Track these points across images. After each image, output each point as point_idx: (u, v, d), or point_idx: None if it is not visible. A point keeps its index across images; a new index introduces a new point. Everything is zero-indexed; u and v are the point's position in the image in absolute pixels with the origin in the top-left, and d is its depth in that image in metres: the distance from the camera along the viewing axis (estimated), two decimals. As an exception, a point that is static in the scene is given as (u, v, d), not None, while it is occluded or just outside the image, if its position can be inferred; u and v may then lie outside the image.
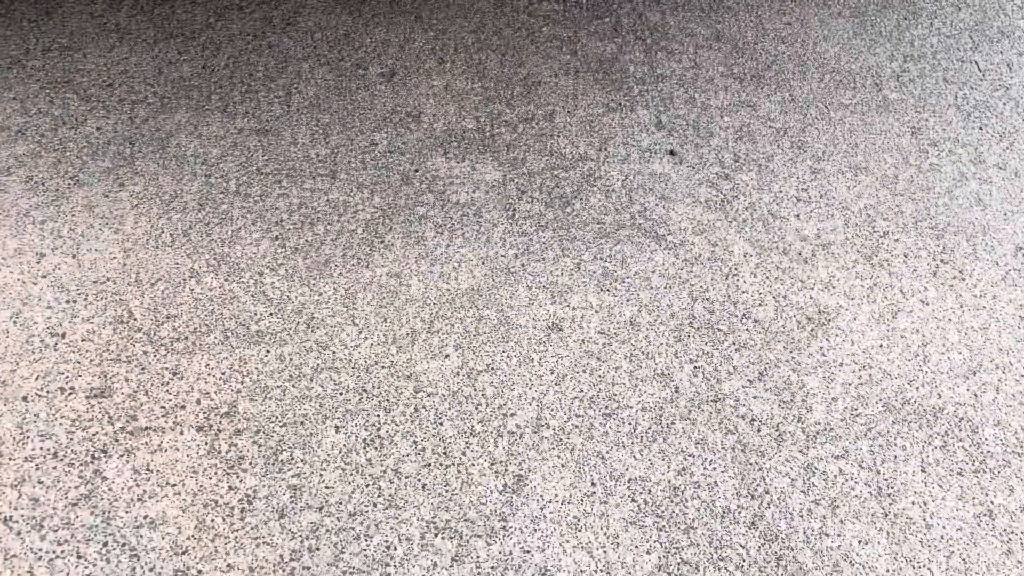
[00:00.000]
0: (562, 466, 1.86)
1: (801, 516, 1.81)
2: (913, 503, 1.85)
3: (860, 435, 1.98)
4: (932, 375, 2.12)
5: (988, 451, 1.97)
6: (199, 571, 1.63)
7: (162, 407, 1.89)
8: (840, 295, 2.30)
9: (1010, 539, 1.81)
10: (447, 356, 2.06)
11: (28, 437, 1.81)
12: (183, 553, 1.65)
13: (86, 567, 1.61)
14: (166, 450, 1.81)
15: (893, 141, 2.85)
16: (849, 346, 2.17)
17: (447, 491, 1.80)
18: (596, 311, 2.20)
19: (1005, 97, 3.10)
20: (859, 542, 1.77)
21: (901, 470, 1.91)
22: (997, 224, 2.57)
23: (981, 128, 2.95)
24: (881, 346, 2.18)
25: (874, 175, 2.70)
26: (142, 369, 1.96)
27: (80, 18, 2.98)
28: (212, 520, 1.71)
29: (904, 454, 1.95)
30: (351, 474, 1.81)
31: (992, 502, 1.87)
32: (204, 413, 1.89)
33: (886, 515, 1.83)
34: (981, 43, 3.40)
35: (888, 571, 1.73)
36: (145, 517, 1.70)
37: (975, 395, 2.09)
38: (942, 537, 1.80)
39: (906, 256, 2.43)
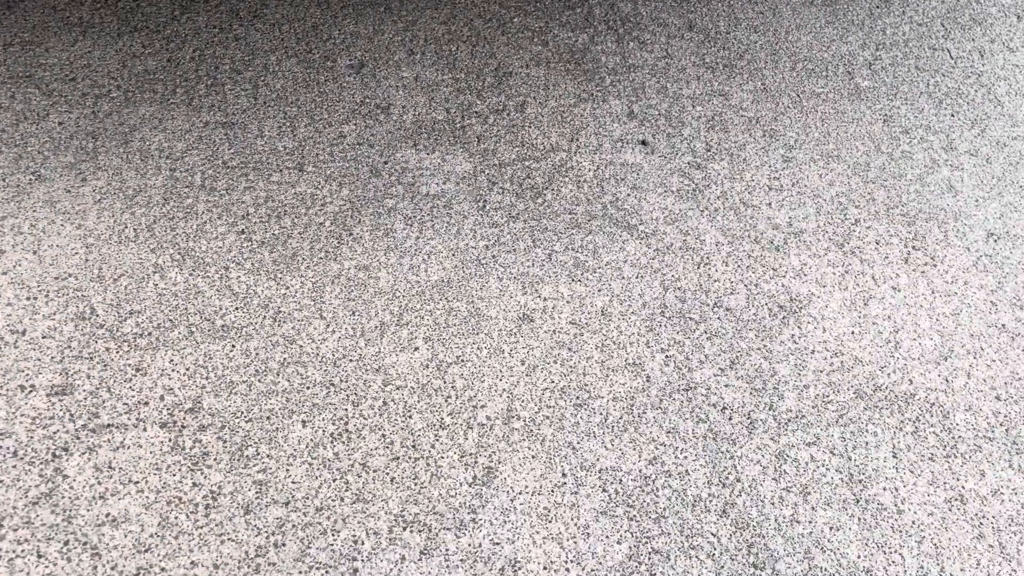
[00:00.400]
0: (532, 457, 1.84)
1: (772, 503, 1.80)
2: (884, 489, 1.85)
3: (831, 422, 1.97)
4: (903, 361, 2.12)
5: (959, 436, 1.97)
6: (162, 569, 1.60)
7: (125, 404, 1.85)
8: (812, 283, 2.30)
9: (981, 524, 1.81)
10: (416, 349, 2.04)
11: (-14, 436, 1.77)
12: (146, 551, 1.62)
13: (47, 566, 1.58)
14: (129, 447, 1.78)
15: (865, 129, 2.85)
16: (821, 333, 2.17)
17: (416, 484, 1.77)
18: (567, 301, 2.18)
19: (976, 84, 3.11)
20: (830, 528, 1.77)
21: (872, 456, 1.91)
22: (968, 210, 2.57)
23: (953, 115, 2.95)
24: (853, 333, 2.18)
25: (846, 163, 2.70)
26: (104, 366, 1.92)
27: (42, 12, 2.93)
28: (176, 517, 1.68)
29: (875, 440, 1.94)
30: (318, 468, 1.78)
31: (963, 487, 1.87)
32: (168, 409, 1.86)
33: (857, 501, 1.82)
34: (953, 30, 3.41)
35: (859, 557, 1.73)
36: (107, 515, 1.67)
37: (946, 381, 2.09)
38: (913, 522, 1.80)
39: (878, 243, 2.43)
